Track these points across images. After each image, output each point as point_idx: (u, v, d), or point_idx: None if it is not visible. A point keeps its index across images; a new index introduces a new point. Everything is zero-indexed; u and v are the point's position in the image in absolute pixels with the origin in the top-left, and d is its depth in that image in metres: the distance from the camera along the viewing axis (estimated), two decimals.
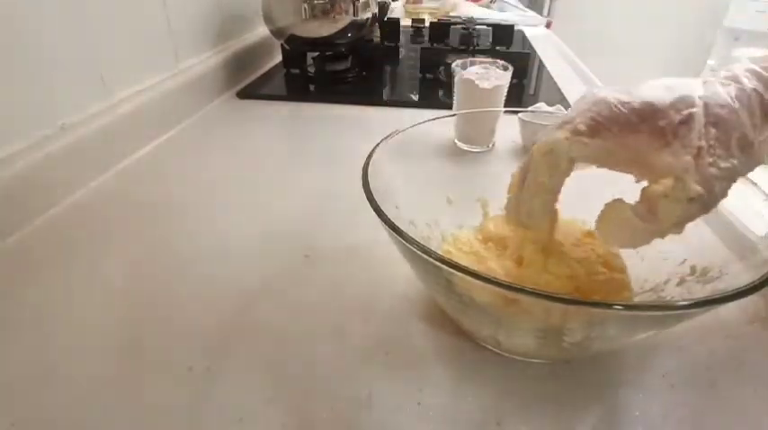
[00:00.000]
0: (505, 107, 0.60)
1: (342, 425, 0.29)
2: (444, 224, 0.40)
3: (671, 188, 0.24)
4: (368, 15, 0.85)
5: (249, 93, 0.82)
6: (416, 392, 0.31)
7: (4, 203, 0.44)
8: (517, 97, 0.81)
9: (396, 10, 1.44)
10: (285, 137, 0.70)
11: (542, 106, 0.68)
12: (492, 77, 0.58)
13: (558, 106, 0.68)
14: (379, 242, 0.31)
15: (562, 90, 0.84)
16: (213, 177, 0.57)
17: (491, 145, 0.52)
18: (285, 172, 0.58)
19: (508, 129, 0.51)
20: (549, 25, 1.39)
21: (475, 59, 0.62)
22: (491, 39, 0.97)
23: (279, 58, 0.94)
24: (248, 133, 0.70)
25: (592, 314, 0.26)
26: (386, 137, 0.36)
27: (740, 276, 0.26)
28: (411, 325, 0.36)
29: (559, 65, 1.01)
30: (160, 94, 0.65)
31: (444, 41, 0.95)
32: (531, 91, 0.87)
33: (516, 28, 1.07)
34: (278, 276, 0.40)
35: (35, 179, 0.47)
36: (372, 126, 0.71)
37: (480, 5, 1.49)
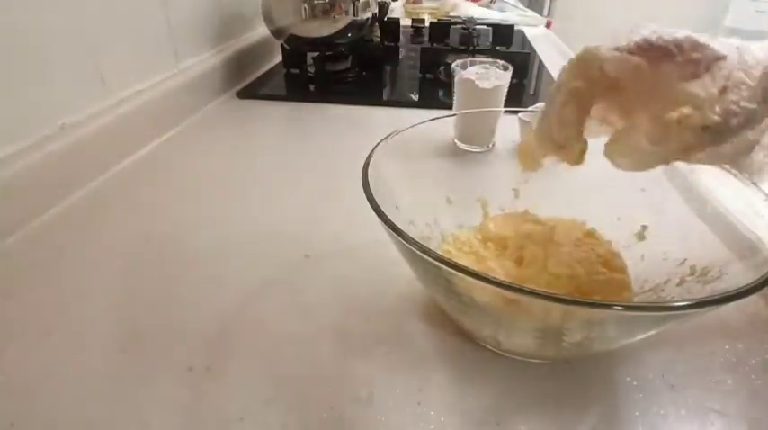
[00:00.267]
0: (505, 107, 0.60)
1: (342, 425, 0.29)
2: (444, 224, 0.40)
3: (688, 115, 0.24)
4: (368, 15, 0.85)
5: (249, 93, 0.82)
6: (416, 392, 0.31)
7: (4, 203, 0.44)
8: (517, 97, 0.81)
9: (396, 10, 1.44)
10: (285, 137, 0.70)
11: (542, 106, 0.67)
12: (492, 77, 0.58)
13: None
14: (379, 242, 0.31)
15: None
16: (213, 177, 0.57)
17: (491, 145, 0.52)
18: (285, 172, 0.58)
19: (508, 129, 0.51)
20: (549, 25, 1.39)
21: (475, 59, 0.62)
22: (491, 39, 0.97)
23: (279, 58, 0.94)
24: (248, 133, 0.70)
25: (592, 314, 0.26)
26: (386, 137, 0.36)
27: (740, 276, 0.26)
28: (411, 325, 0.36)
29: (559, 65, 1.01)
30: (160, 94, 0.65)
31: (444, 41, 0.95)
32: (531, 91, 0.87)
33: (516, 28, 1.07)
34: (278, 276, 0.40)
35: (35, 179, 0.47)
36: (372, 126, 0.71)
37: (480, 5, 1.49)
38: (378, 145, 0.35)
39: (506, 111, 0.52)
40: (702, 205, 0.34)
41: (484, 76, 0.58)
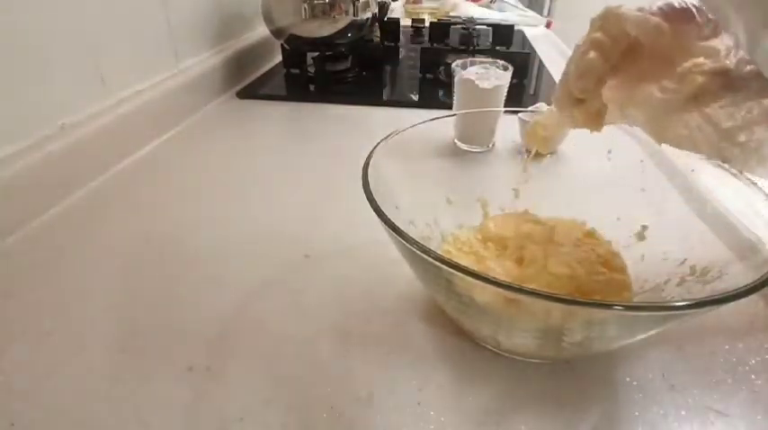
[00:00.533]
0: (505, 107, 0.60)
1: (342, 425, 0.29)
2: (444, 224, 0.40)
3: (701, 63, 0.25)
4: (368, 15, 0.85)
5: (249, 93, 0.82)
6: (416, 392, 0.31)
7: (4, 203, 0.44)
8: (517, 97, 0.81)
9: (396, 10, 1.44)
10: (285, 137, 0.70)
11: (542, 106, 0.67)
12: (492, 77, 0.58)
13: None
14: (379, 242, 0.31)
15: None
16: (213, 177, 0.57)
17: (491, 145, 0.52)
18: (285, 172, 0.58)
19: (508, 129, 0.51)
20: (549, 25, 1.39)
21: (475, 59, 0.62)
22: (491, 39, 0.97)
23: (279, 58, 0.94)
24: (248, 133, 0.70)
25: (592, 314, 0.26)
26: (386, 137, 0.36)
27: (740, 276, 0.26)
28: (411, 325, 0.36)
29: (559, 65, 1.01)
30: (160, 94, 0.65)
31: (444, 41, 0.95)
32: (531, 91, 0.87)
33: (516, 28, 1.07)
34: (278, 276, 0.40)
35: (35, 179, 0.47)
36: (372, 126, 0.71)
37: (480, 5, 1.49)
38: (378, 145, 0.35)
39: (506, 111, 0.52)
40: (702, 205, 0.34)
41: (484, 76, 0.58)
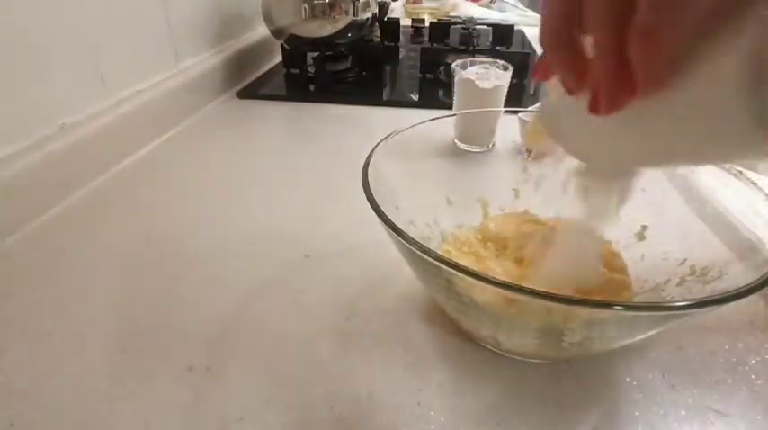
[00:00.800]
0: (505, 107, 0.60)
1: (342, 425, 0.29)
2: (444, 224, 0.40)
3: None
4: (368, 15, 0.85)
5: (249, 93, 0.82)
6: (416, 392, 0.31)
7: (4, 203, 0.44)
8: (517, 97, 0.81)
9: (396, 10, 1.44)
10: (285, 137, 0.70)
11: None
12: (492, 77, 0.58)
13: None
14: (379, 242, 0.31)
15: None
16: (213, 177, 0.57)
17: (491, 145, 0.52)
18: (285, 172, 0.58)
19: (508, 129, 0.51)
20: None
21: (475, 59, 0.62)
22: (491, 39, 0.97)
23: (279, 58, 0.94)
24: (248, 133, 0.70)
25: (592, 314, 0.26)
26: (386, 137, 0.36)
27: (740, 276, 0.26)
28: (411, 325, 0.36)
29: None
30: (160, 94, 0.65)
31: (444, 41, 0.95)
32: (531, 91, 0.87)
33: (516, 28, 1.07)
34: (278, 276, 0.40)
35: (35, 179, 0.47)
36: (372, 126, 0.71)
37: (480, 5, 1.49)
38: (378, 145, 0.35)
39: (506, 111, 0.52)
40: (702, 205, 0.34)
41: (484, 76, 0.58)
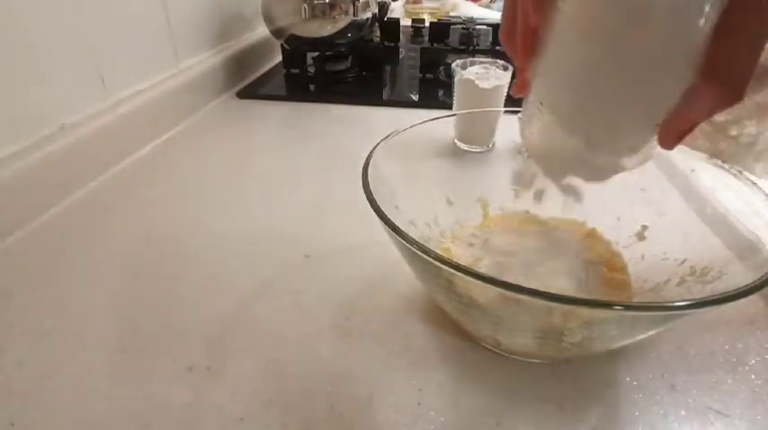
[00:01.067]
0: (505, 107, 0.60)
1: (342, 425, 0.29)
2: (444, 224, 0.40)
3: None
4: (368, 15, 0.85)
5: (249, 93, 0.82)
6: (416, 392, 0.31)
7: (4, 203, 0.44)
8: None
9: (396, 10, 1.44)
10: (285, 137, 0.70)
11: None
12: (492, 77, 0.58)
13: None
14: (379, 242, 0.31)
15: None
16: (213, 177, 0.57)
17: (491, 145, 0.52)
18: (285, 172, 0.58)
19: (508, 129, 0.51)
20: None
21: (475, 59, 0.62)
22: (491, 39, 0.97)
23: (279, 58, 0.94)
24: (248, 133, 0.70)
25: (592, 314, 0.26)
26: (385, 137, 0.36)
27: (740, 276, 0.26)
28: (411, 325, 0.36)
29: None
30: (160, 94, 0.65)
31: (444, 41, 0.95)
32: None
33: None
34: (278, 276, 0.40)
35: (35, 179, 0.47)
36: (372, 126, 0.71)
37: (480, 5, 1.48)
38: (378, 145, 0.35)
39: (506, 111, 0.52)
40: (702, 205, 0.34)
41: (484, 76, 0.58)
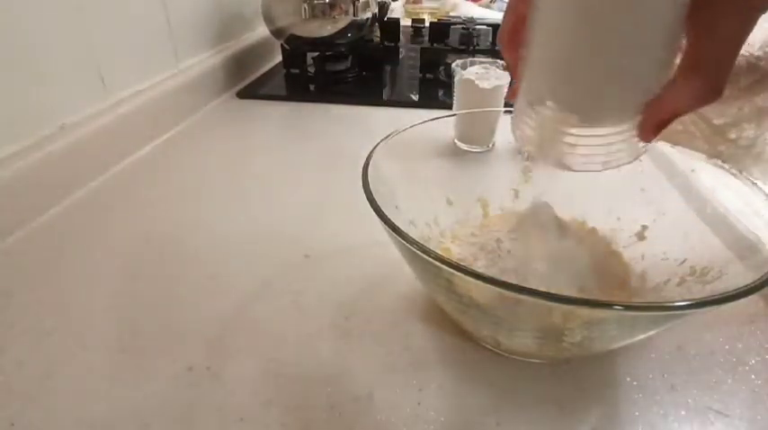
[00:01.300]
0: (505, 107, 0.60)
1: (342, 425, 0.29)
2: (444, 224, 0.40)
3: None
4: (368, 15, 0.85)
5: (249, 93, 0.82)
6: (416, 392, 0.31)
7: (4, 203, 0.44)
8: None
9: (396, 10, 1.44)
10: (285, 137, 0.70)
11: None
12: (492, 77, 0.58)
13: None
14: (379, 242, 0.31)
15: None
16: (213, 177, 0.57)
17: (491, 145, 0.52)
18: (285, 172, 0.58)
19: (508, 129, 0.51)
20: None
21: (475, 59, 0.62)
22: (491, 39, 0.97)
23: (279, 58, 0.94)
24: (248, 133, 0.70)
25: (592, 314, 0.26)
26: (385, 137, 0.36)
27: (740, 276, 0.26)
28: (411, 325, 0.36)
29: None
30: (160, 94, 0.65)
31: (444, 41, 0.95)
32: None
33: None
34: (278, 276, 0.40)
35: (35, 179, 0.47)
36: (372, 126, 0.71)
37: (480, 5, 1.48)
38: (378, 145, 0.35)
39: (506, 111, 0.52)
40: (702, 205, 0.34)
41: (484, 76, 0.58)
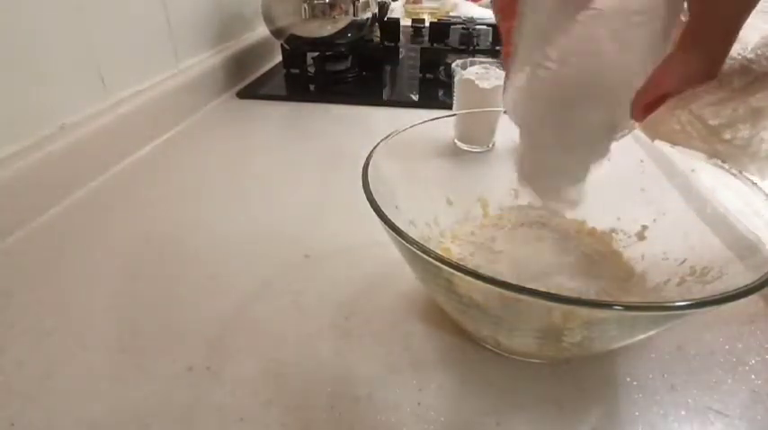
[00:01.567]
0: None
1: (342, 425, 0.29)
2: (444, 224, 0.40)
3: None
4: (368, 15, 0.85)
5: (249, 93, 0.82)
6: (416, 392, 0.31)
7: (4, 203, 0.44)
8: None
9: (396, 10, 1.44)
10: (285, 137, 0.70)
11: None
12: (492, 77, 0.58)
13: None
14: (379, 242, 0.31)
15: None
16: (213, 177, 0.57)
17: (491, 145, 0.52)
18: (285, 172, 0.58)
19: (508, 129, 0.51)
20: None
21: (475, 59, 0.62)
22: (491, 39, 0.97)
23: (279, 58, 0.94)
24: (248, 133, 0.70)
25: (592, 314, 0.26)
26: (385, 137, 0.36)
27: (740, 276, 0.26)
28: (411, 325, 0.36)
29: None
30: (160, 94, 0.65)
31: (444, 41, 0.95)
32: None
33: None
34: (278, 276, 0.40)
35: (35, 179, 0.47)
36: (372, 126, 0.71)
37: (480, 5, 1.48)
38: (378, 145, 0.35)
39: (506, 111, 0.52)
40: (702, 205, 0.34)
41: (484, 76, 0.58)
